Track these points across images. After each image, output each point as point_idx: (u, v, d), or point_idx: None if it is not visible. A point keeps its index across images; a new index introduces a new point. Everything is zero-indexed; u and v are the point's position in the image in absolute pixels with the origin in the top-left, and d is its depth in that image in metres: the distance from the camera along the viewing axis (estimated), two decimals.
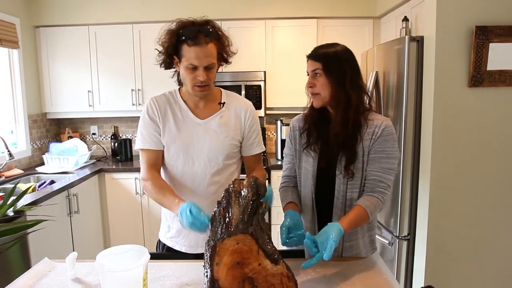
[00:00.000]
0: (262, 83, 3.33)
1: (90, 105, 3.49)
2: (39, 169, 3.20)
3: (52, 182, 2.92)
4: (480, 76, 2.06)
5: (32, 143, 3.39)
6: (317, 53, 1.33)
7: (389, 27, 3.10)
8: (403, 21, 2.58)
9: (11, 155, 2.79)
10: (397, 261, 2.38)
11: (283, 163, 1.53)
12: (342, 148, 1.32)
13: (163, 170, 1.51)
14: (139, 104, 3.45)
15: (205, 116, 1.47)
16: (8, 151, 2.77)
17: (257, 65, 3.37)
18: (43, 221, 1.49)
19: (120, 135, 3.85)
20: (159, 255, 1.49)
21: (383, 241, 2.49)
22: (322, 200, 1.39)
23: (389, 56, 2.44)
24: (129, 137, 3.79)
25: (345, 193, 1.34)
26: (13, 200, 1.57)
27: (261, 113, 3.36)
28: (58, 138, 3.78)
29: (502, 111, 2.10)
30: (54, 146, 3.35)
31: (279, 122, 3.45)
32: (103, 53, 3.42)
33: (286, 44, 3.37)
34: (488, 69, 2.05)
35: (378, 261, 1.30)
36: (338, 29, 3.33)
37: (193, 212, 1.16)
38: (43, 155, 3.34)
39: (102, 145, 3.85)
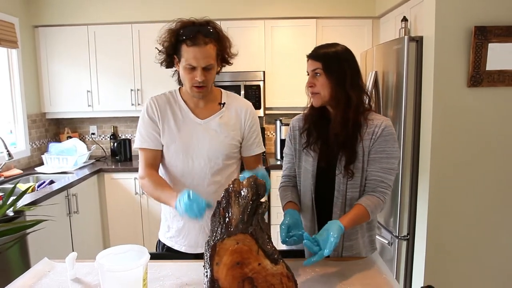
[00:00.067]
0: (261, 83, 3.33)
1: (89, 105, 3.48)
2: (38, 169, 3.20)
3: (52, 182, 2.92)
4: (479, 76, 2.06)
5: (31, 143, 3.39)
6: (317, 53, 1.33)
7: (388, 27, 3.11)
8: (402, 21, 2.58)
9: (10, 155, 2.78)
10: (396, 261, 2.38)
11: (283, 162, 1.54)
12: (342, 148, 1.33)
13: (163, 170, 1.51)
14: (139, 104, 3.44)
15: (205, 116, 1.47)
16: (7, 151, 2.77)
17: (256, 65, 3.37)
18: (42, 221, 1.49)
19: (120, 135, 3.84)
20: (159, 255, 1.49)
21: (382, 241, 2.49)
22: (322, 200, 1.39)
23: (388, 56, 2.44)
24: (128, 137, 3.79)
25: (345, 193, 1.34)
26: (12, 200, 1.57)
27: (260, 113, 3.36)
28: (57, 138, 3.78)
29: (501, 111, 2.11)
30: (53, 146, 3.35)
31: (278, 122, 3.45)
32: (102, 53, 3.42)
33: (285, 44, 3.37)
34: (487, 69, 2.05)
35: (377, 261, 1.31)
36: (337, 29, 3.33)
37: (191, 196, 1.16)
38: (42, 155, 3.34)
39: (101, 145, 3.84)
